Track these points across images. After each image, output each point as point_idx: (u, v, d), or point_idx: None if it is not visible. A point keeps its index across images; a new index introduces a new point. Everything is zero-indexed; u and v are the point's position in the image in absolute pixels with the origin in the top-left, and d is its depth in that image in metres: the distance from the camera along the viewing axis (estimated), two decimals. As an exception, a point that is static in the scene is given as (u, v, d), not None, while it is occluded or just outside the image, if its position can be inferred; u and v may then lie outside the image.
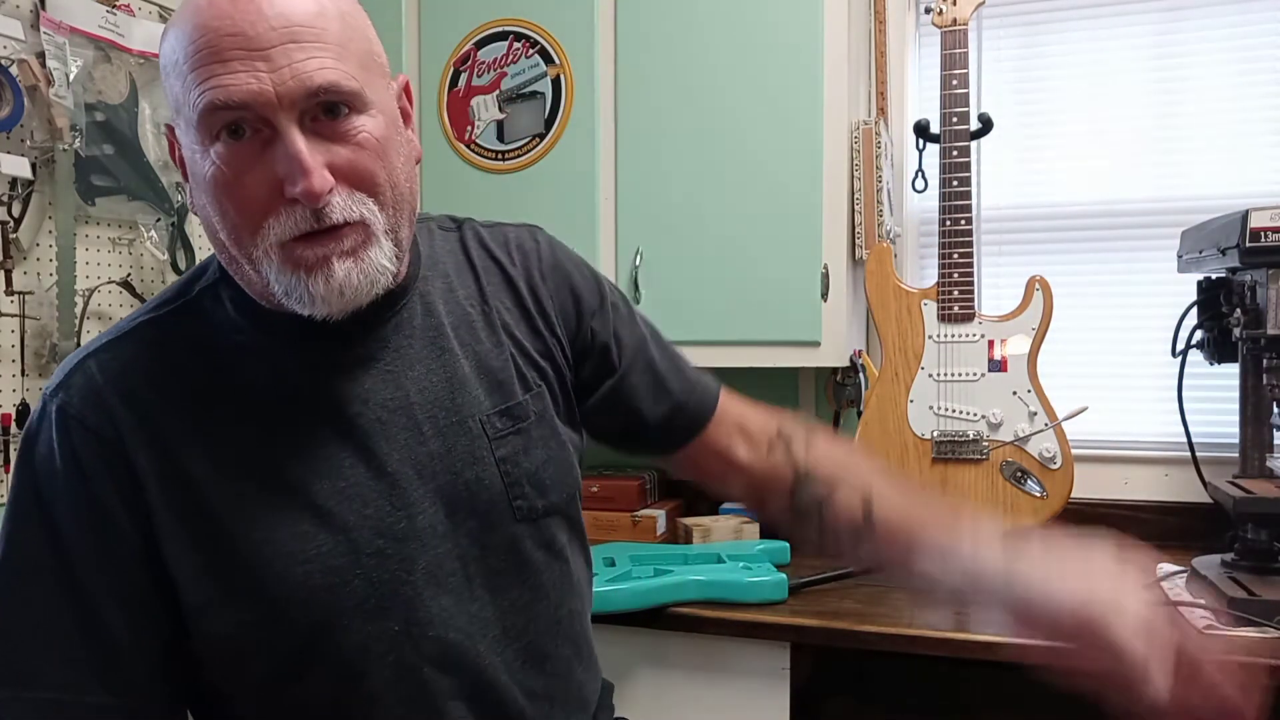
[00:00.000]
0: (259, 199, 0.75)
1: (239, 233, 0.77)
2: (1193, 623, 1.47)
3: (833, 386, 2.11)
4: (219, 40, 0.73)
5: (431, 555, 0.84)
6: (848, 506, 0.98)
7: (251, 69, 0.72)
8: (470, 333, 0.92)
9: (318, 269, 0.76)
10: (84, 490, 0.78)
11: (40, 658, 0.77)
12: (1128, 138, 2.01)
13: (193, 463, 0.80)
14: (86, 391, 0.80)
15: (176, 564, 0.79)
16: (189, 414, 0.81)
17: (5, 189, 1.71)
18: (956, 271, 1.66)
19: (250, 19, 0.73)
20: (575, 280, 1.00)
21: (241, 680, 0.83)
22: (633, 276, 1.92)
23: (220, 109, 0.73)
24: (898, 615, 1.56)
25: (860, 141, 1.88)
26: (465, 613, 0.85)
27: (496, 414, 0.89)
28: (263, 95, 0.72)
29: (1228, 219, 1.57)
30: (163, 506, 0.79)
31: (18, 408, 1.74)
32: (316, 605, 0.80)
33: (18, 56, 1.71)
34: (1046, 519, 1.62)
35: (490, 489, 0.88)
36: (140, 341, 0.84)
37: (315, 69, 0.74)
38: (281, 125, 0.74)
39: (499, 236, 0.99)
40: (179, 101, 0.77)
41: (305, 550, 0.80)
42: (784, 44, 1.84)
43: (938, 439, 1.65)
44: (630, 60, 1.94)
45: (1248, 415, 1.66)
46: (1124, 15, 2.01)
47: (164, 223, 2.02)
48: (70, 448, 0.78)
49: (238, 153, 0.75)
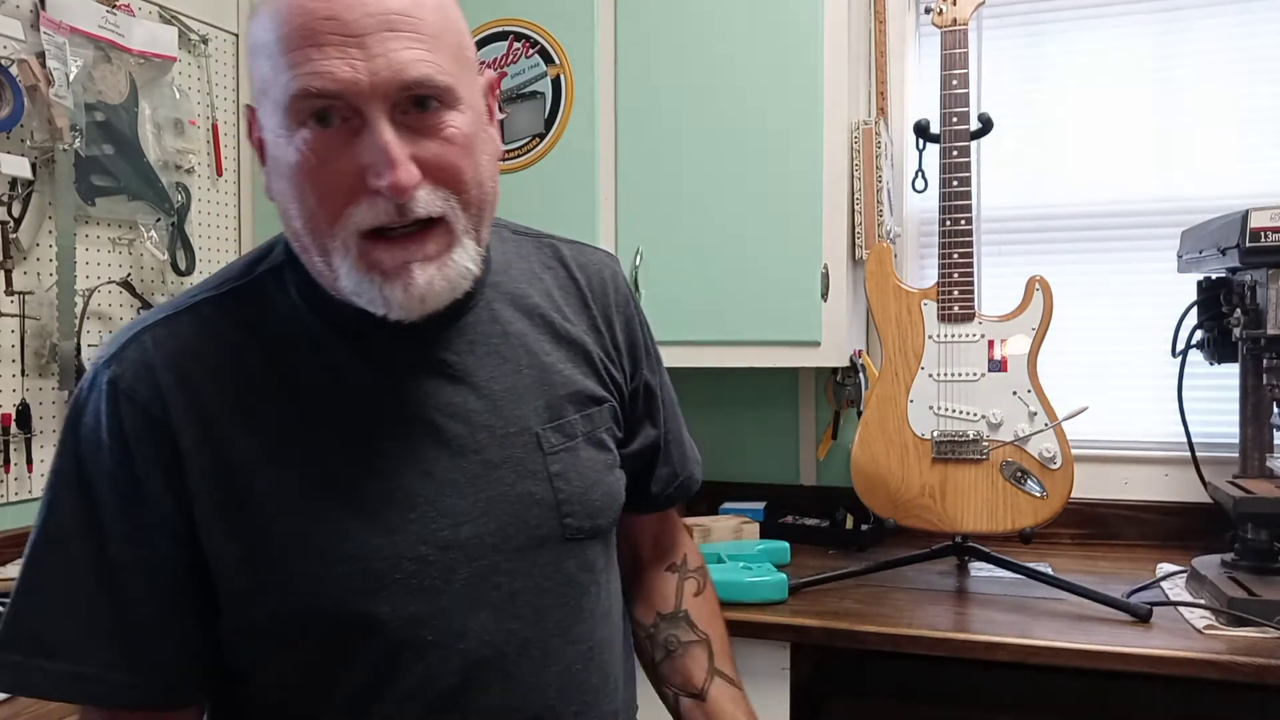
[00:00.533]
0: (342, 187, 0.73)
1: (316, 221, 0.75)
2: (1192, 623, 1.47)
3: (833, 386, 2.11)
4: (315, 23, 0.71)
5: (474, 567, 0.81)
6: (692, 669, 1.03)
7: (346, 56, 0.70)
8: (535, 344, 0.89)
9: (396, 276, 0.75)
10: (127, 466, 0.76)
11: (67, 630, 0.76)
12: (1128, 137, 2.01)
13: (239, 450, 0.77)
14: (139, 366, 0.78)
15: (214, 549, 0.77)
16: (240, 400, 0.79)
17: (5, 189, 1.71)
18: (956, 271, 1.65)
19: (348, 3, 0.71)
20: (643, 324, 1.01)
21: (269, 670, 0.81)
22: (633, 276, 1.92)
23: (313, 96, 0.71)
24: (898, 615, 1.56)
25: (860, 141, 1.88)
26: (504, 630, 0.82)
27: (553, 429, 0.87)
28: (356, 84, 0.71)
29: (1228, 219, 1.57)
30: (204, 491, 0.77)
31: (18, 408, 1.74)
32: (351, 606, 0.77)
33: (18, 56, 1.71)
34: (1046, 519, 1.62)
35: (541, 504, 0.85)
36: (198, 319, 0.81)
37: (409, 60, 0.72)
38: (371, 115, 0.72)
39: (580, 256, 0.98)
40: (266, 83, 0.75)
41: (345, 550, 0.77)
42: (784, 44, 1.84)
43: (938, 439, 1.65)
44: (630, 60, 1.94)
45: (1248, 415, 1.66)
46: (1124, 15, 2.01)
47: (164, 223, 2.02)
48: (117, 421, 0.76)
49: (324, 140, 0.73)
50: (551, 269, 0.95)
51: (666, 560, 1.10)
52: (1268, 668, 1.31)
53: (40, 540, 0.78)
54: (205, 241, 2.16)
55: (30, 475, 1.77)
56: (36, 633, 0.76)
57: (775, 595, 1.62)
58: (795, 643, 1.56)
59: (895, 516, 1.68)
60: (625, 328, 0.98)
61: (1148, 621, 1.48)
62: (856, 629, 1.51)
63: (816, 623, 1.54)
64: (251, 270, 0.85)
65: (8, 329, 1.74)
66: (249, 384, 0.79)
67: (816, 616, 1.55)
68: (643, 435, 1.01)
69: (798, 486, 2.20)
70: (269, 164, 0.79)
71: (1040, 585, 1.63)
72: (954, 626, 1.50)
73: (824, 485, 2.18)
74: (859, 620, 1.54)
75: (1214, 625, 1.45)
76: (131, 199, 1.93)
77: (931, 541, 1.73)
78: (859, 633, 1.51)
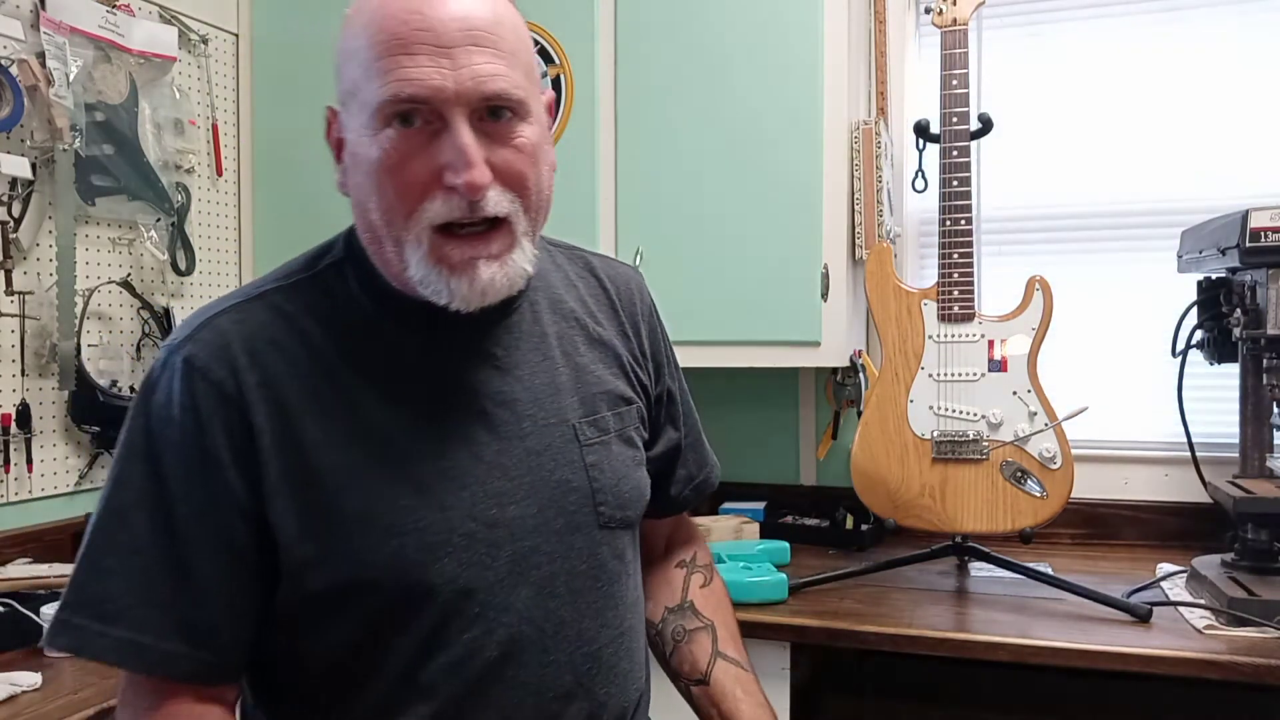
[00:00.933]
0: (419, 183, 0.80)
1: (393, 214, 0.81)
2: (1192, 623, 1.47)
3: (833, 386, 2.11)
4: (409, 33, 0.78)
5: (517, 546, 0.86)
6: (697, 656, 1.05)
7: (436, 65, 0.78)
8: (571, 345, 0.97)
9: (463, 270, 0.82)
10: (198, 440, 0.81)
11: (128, 597, 0.80)
12: (1128, 137, 2.01)
13: (306, 428, 0.83)
14: (214, 346, 0.83)
15: (280, 522, 0.82)
16: (307, 380, 0.84)
17: (5, 189, 1.71)
18: (956, 271, 1.65)
19: (439, 16, 0.78)
20: (664, 333, 1.10)
21: (321, 642, 0.84)
22: (633, 276, 1.92)
23: (403, 100, 0.78)
24: (898, 615, 1.56)
25: (860, 141, 1.88)
26: (542, 608, 0.87)
27: (588, 423, 0.94)
28: (443, 91, 0.78)
29: (1228, 219, 1.57)
30: (273, 466, 0.82)
31: (18, 408, 1.74)
32: (407, 577, 0.82)
33: (18, 56, 1.71)
34: (1046, 519, 1.62)
35: (578, 491, 0.91)
36: (268, 307, 0.87)
37: (490, 74, 0.79)
38: (453, 120, 0.79)
39: (609, 268, 1.06)
40: (356, 85, 0.82)
41: (403, 523, 0.83)
42: (784, 44, 1.84)
43: (938, 439, 1.65)
44: (630, 60, 1.94)
45: (1248, 415, 1.66)
46: (1124, 15, 2.01)
47: (164, 223, 2.02)
48: (191, 397, 0.81)
49: (407, 139, 0.80)
50: (584, 278, 1.03)
51: (676, 558, 1.13)
52: (1268, 668, 1.31)
53: (106, 511, 0.83)
54: (205, 241, 2.16)
55: (30, 475, 1.78)
56: (99, 599, 0.80)
57: (775, 595, 1.62)
58: (795, 643, 1.56)
59: (895, 516, 1.68)
60: (650, 335, 1.07)
61: (1148, 621, 1.48)
62: (856, 629, 1.51)
63: (816, 623, 1.54)
64: (314, 265, 0.91)
65: (8, 329, 1.74)
66: (315, 368, 0.85)
67: (816, 616, 1.55)
68: (665, 438, 1.08)
69: (798, 486, 2.20)
70: (347, 160, 0.86)
71: (1040, 585, 1.63)
72: (954, 626, 1.50)
73: (824, 485, 2.18)
74: (859, 620, 1.54)
75: (1214, 625, 1.45)
76: (131, 199, 1.93)
77: (931, 541, 1.73)
78: (859, 633, 1.51)
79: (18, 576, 1.60)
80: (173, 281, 2.07)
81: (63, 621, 0.81)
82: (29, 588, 1.56)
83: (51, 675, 1.34)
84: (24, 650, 1.44)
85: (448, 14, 0.79)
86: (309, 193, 2.16)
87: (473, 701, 0.84)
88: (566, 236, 1.09)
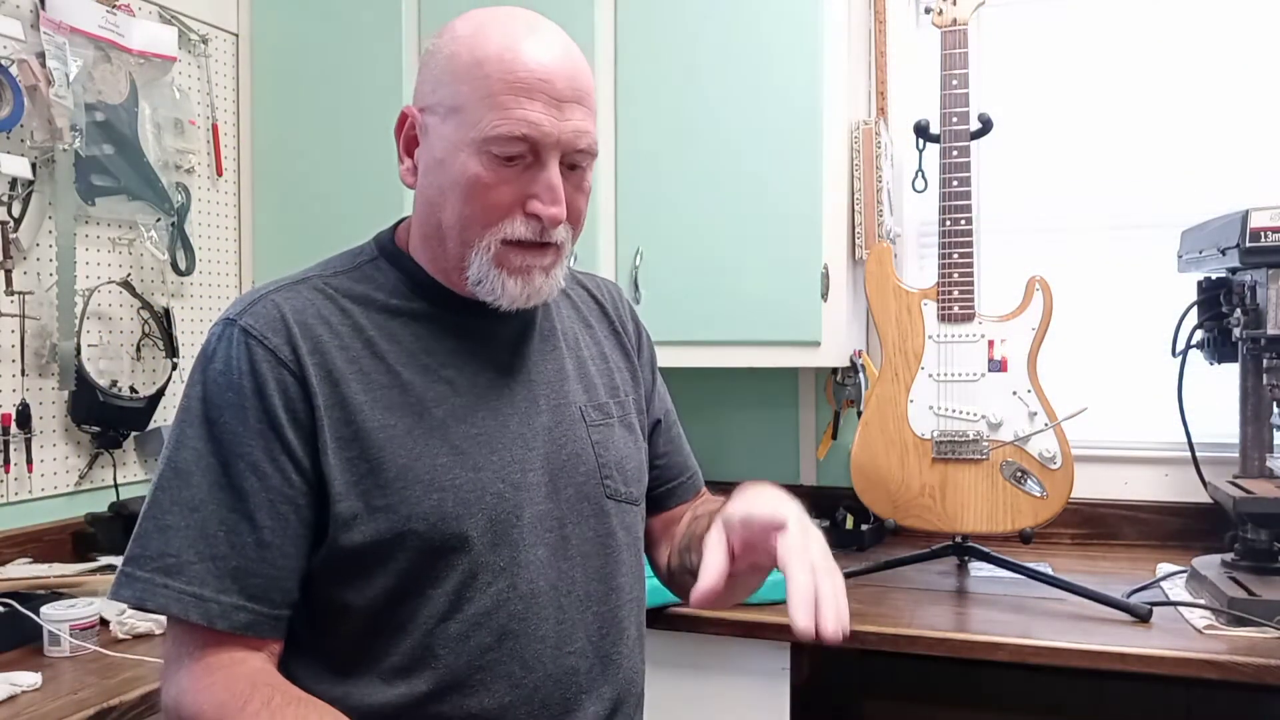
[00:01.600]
0: (504, 205, 0.92)
1: (472, 224, 0.92)
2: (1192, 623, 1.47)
3: (833, 386, 2.11)
4: (535, 81, 0.90)
5: (535, 509, 0.96)
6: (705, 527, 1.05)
7: (549, 114, 0.90)
8: (574, 341, 1.08)
9: (521, 275, 0.94)
10: (257, 402, 0.89)
11: (190, 551, 0.87)
12: (1128, 138, 2.01)
13: (353, 392, 0.92)
14: (269, 318, 0.92)
15: (332, 478, 0.89)
16: (353, 352, 0.93)
17: (5, 189, 1.72)
18: (956, 271, 1.65)
19: (562, 73, 0.91)
20: (646, 330, 1.20)
21: (361, 595, 0.91)
22: (633, 276, 1.92)
23: (518, 140, 0.89)
24: (898, 615, 1.56)
25: (860, 141, 1.88)
26: (556, 568, 0.96)
27: (592, 407, 1.05)
28: (549, 136, 0.90)
29: (1228, 219, 1.57)
30: (326, 425, 0.90)
31: (18, 408, 1.74)
32: (446, 528, 0.91)
33: (18, 56, 1.71)
34: (1046, 519, 1.62)
35: (586, 464, 1.01)
36: (315, 289, 0.96)
37: (584, 130, 0.93)
38: (549, 160, 0.91)
39: (591, 280, 1.18)
40: (464, 103, 0.91)
41: (441, 480, 0.92)
42: (783, 44, 1.84)
43: (938, 439, 1.65)
44: (630, 61, 1.94)
45: (1248, 415, 1.66)
46: (1124, 16, 2.01)
47: (164, 223, 2.02)
48: (250, 361, 0.90)
49: (506, 165, 0.91)
50: (574, 288, 1.14)
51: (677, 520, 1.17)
52: (1268, 668, 1.32)
53: (167, 470, 0.89)
54: (205, 241, 2.16)
55: (30, 475, 1.78)
56: (161, 553, 0.87)
57: (775, 595, 1.62)
58: (795, 643, 1.56)
59: (895, 516, 1.68)
60: (636, 335, 1.17)
61: (1148, 621, 1.48)
62: (856, 629, 1.51)
63: (816, 623, 1.53)
64: (353, 260, 1.01)
65: (8, 329, 1.74)
66: (360, 341, 0.94)
67: (816, 616, 1.55)
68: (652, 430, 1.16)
69: (798, 486, 2.20)
70: (423, 161, 0.96)
71: (1040, 585, 1.63)
72: (954, 626, 1.50)
73: (824, 485, 2.18)
74: (859, 620, 1.54)
75: (1214, 625, 1.45)
76: (131, 199, 1.93)
77: (931, 541, 1.73)
78: (859, 633, 1.51)
79: (18, 576, 1.60)
80: (173, 281, 2.07)
81: (127, 575, 0.87)
82: (29, 588, 1.56)
83: (51, 675, 1.34)
84: (24, 650, 1.44)
85: (564, 72, 0.91)
86: (309, 193, 2.16)
87: (497, 652, 0.92)
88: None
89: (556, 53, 0.92)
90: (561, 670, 0.95)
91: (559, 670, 0.95)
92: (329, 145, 2.14)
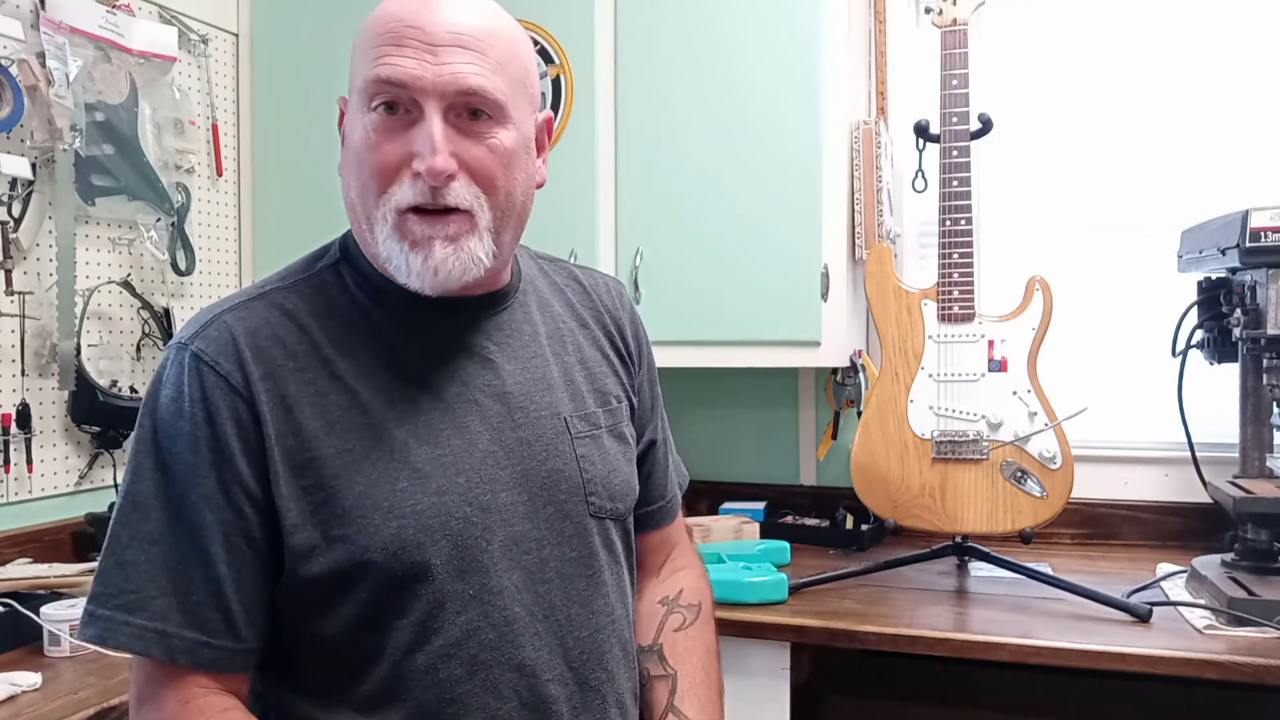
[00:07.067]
0: (390, 165, 0.86)
1: (367, 193, 0.88)
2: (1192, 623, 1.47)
3: (833, 386, 2.11)
4: (402, 29, 0.85)
5: (509, 532, 0.91)
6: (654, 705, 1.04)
7: (419, 58, 0.85)
8: (560, 345, 1.02)
9: (421, 246, 0.87)
10: (208, 431, 0.85)
11: (151, 586, 0.83)
12: (1128, 137, 2.01)
13: (307, 418, 0.87)
14: (221, 342, 0.88)
15: (286, 509, 0.85)
16: (308, 374, 0.89)
17: (5, 189, 1.71)
18: (956, 271, 1.65)
19: (432, 18, 0.86)
20: (647, 337, 1.14)
21: (324, 627, 0.87)
22: (633, 276, 1.92)
23: (384, 83, 0.85)
24: (898, 615, 1.56)
25: (860, 141, 1.88)
26: (533, 592, 0.91)
27: (579, 417, 0.99)
28: (421, 81, 0.84)
29: (1228, 219, 1.57)
30: (279, 455, 0.86)
31: (18, 408, 1.74)
32: (406, 558, 0.86)
33: (18, 56, 1.71)
34: (1046, 519, 1.62)
35: (569, 480, 0.95)
36: (269, 305, 0.91)
37: (469, 73, 0.85)
38: (428, 110, 0.85)
39: (590, 277, 1.12)
40: (354, 73, 0.89)
41: (401, 506, 0.86)
42: (783, 44, 1.84)
43: (938, 439, 1.65)
44: (630, 60, 1.94)
45: (1248, 415, 1.66)
46: (1125, 15, 2.01)
47: (164, 223, 2.02)
48: (200, 390, 0.86)
49: (387, 123, 0.86)
50: (570, 285, 1.08)
51: (660, 593, 1.12)
52: (1268, 668, 1.31)
53: (124, 504, 0.86)
54: (205, 241, 2.16)
55: (30, 475, 1.78)
56: (122, 590, 0.84)
57: (775, 595, 1.62)
58: (795, 643, 1.56)
59: (895, 516, 1.68)
60: (634, 337, 1.11)
61: (1148, 621, 1.48)
62: (856, 629, 1.51)
63: (816, 623, 1.54)
64: (312, 266, 0.97)
65: (8, 329, 1.74)
66: (313, 361, 0.89)
67: (816, 616, 1.55)
68: (643, 440, 1.11)
69: (798, 486, 2.20)
70: (344, 147, 0.93)
71: (1040, 585, 1.63)
72: (954, 626, 1.50)
73: (824, 485, 2.18)
74: (859, 620, 1.54)
75: (1214, 625, 1.45)
76: (131, 199, 1.93)
77: (931, 541, 1.73)
78: (859, 633, 1.51)
79: (18, 576, 1.60)
80: (173, 281, 2.07)
81: (90, 613, 0.85)
82: (29, 588, 1.56)
83: (51, 675, 1.34)
84: (24, 650, 1.44)
85: (440, 18, 0.86)
86: (309, 193, 2.16)
87: (469, 684, 0.87)
88: (567, 236, 1.10)
89: (438, 4, 0.86)
90: (539, 700, 0.90)
91: (535, 700, 0.90)
92: (329, 145, 2.13)
